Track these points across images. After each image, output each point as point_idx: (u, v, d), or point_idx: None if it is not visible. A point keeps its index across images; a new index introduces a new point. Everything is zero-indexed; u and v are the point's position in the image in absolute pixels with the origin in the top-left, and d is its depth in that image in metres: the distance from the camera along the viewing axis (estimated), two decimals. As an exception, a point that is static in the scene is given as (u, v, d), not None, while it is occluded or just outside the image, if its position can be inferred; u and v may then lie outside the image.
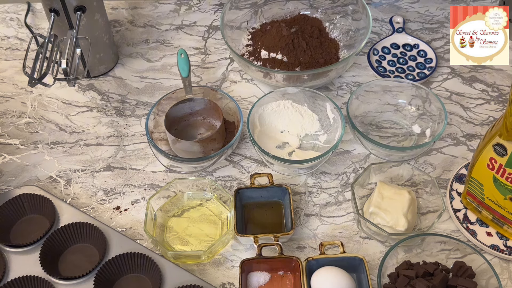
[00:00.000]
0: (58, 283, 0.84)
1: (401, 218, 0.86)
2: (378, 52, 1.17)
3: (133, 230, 0.93)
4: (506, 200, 0.83)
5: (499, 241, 0.88)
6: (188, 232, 0.91)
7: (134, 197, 0.97)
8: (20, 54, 1.21)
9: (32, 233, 0.90)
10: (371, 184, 0.96)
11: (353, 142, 1.03)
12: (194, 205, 0.95)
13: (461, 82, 1.12)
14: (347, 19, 1.17)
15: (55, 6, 1.01)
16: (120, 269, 0.85)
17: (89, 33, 1.06)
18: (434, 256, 0.85)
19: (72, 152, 1.03)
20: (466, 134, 1.04)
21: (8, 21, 1.28)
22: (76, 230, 0.89)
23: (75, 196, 0.97)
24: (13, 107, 1.11)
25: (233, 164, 1.01)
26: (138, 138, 1.05)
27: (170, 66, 1.18)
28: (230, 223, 0.89)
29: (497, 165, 0.81)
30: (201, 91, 1.05)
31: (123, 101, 1.12)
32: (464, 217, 0.91)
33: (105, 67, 1.16)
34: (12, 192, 0.94)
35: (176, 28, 1.26)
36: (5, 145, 1.04)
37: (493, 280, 0.79)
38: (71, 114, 1.09)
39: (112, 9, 1.30)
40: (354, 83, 1.13)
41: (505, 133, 0.77)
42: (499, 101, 1.09)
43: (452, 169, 0.99)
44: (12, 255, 0.88)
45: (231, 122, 1.03)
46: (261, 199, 0.93)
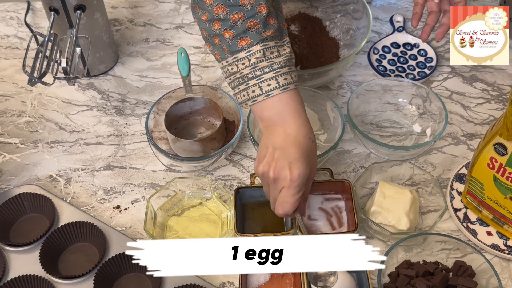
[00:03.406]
0: (58, 282, 0.84)
1: (403, 218, 0.86)
2: (379, 51, 1.17)
3: (133, 229, 0.93)
4: (507, 199, 0.83)
5: (499, 240, 0.88)
6: (188, 231, 0.91)
7: (134, 196, 0.97)
8: (20, 53, 1.21)
9: (32, 232, 0.90)
10: (371, 184, 0.95)
11: (354, 142, 1.03)
12: (194, 204, 0.95)
13: (461, 82, 1.12)
14: (348, 18, 1.16)
15: (55, 5, 1.01)
16: (120, 268, 0.85)
17: (89, 32, 1.06)
18: (434, 255, 0.85)
19: (72, 151, 1.03)
20: (467, 133, 1.04)
21: (8, 20, 1.28)
22: (76, 229, 0.89)
23: (75, 195, 0.97)
24: (13, 106, 1.11)
25: (233, 163, 1.01)
26: (138, 137, 1.05)
27: (170, 65, 1.18)
28: (230, 222, 0.89)
29: (497, 164, 0.81)
30: (201, 90, 1.04)
31: (123, 100, 1.11)
32: (464, 216, 0.91)
33: (105, 66, 1.16)
34: (12, 191, 0.94)
35: (176, 27, 1.25)
36: (5, 144, 1.04)
37: (493, 280, 0.79)
38: (71, 113, 1.09)
39: (112, 8, 1.30)
40: (355, 82, 1.13)
41: (506, 133, 0.77)
42: (499, 100, 1.09)
43: (452, 169, 0.99)
44: (12, 254, 0.88)
45: (231, 121, 1.03)
46: (261, 198, 0.93)
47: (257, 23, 0.76)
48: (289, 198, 0.75)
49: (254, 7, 0.75)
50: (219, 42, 0.79)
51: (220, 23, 0.77)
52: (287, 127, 0.76)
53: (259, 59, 0.76)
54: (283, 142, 0.76)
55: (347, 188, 0.91)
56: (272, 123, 0.77)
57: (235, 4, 0.75)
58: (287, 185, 0.75)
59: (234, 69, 0.78)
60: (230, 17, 0.76)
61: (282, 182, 0.75)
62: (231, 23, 0.76)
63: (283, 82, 0.76)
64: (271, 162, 0.75)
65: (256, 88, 0.77)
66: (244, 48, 0.77)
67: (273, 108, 0.77)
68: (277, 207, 0.77)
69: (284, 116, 0.77)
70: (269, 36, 0.77)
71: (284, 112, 0.77)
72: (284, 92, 0.77)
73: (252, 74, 0.77)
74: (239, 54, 0.77)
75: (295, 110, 0.77)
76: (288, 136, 0.76)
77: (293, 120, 0.77)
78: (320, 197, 0.93)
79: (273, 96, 0.76)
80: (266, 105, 0.77)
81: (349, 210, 0.91)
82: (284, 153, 0.75)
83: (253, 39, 0.76)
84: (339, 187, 0.93)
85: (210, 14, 0.77)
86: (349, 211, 0.91)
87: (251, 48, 0.76)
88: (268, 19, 0.77)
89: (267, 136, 0.78)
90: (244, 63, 0.77)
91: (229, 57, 0.78)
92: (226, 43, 0.77)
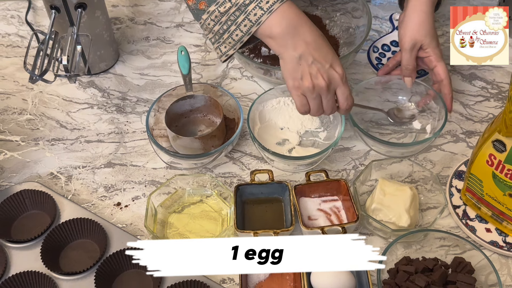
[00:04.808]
0: (59, 278, 0.85)
1: (403, 214, 0.87)
2: (378, 50, 1.17)
3: (133, 226, 0.93)
4: (505, 196, 0.83)
5: (498, 237, 0.89)
6: (188, 228, 0.92)
7: (135, 193, 0.97)
8: (21, 51, 1.21)
9: (33, 228, 0.90)
10: (371, 181, 0.96)
11: (353, 139, 1.03)
12: (194, 201, 0.95)
13: (460, 79, 1.13)
14: (347, 17, 1.17)
15: (56, 3, 1.01)
16: (121, 265, 0.86)
17: (90, 30, 1.07)
18: (434, 252, 0.86)
19: (73, 148, 1.04)
20: (466, 131, 1.04)
21: (9, 18, 1.29)
22: (77, 226, 0.89)
23: (76, 193, 0.97)
24: (14, 104, 1.11)
25: (233, 161, 1.01)
26: (138, 135, 1.06)
27: (171, 63, 1.18)
28: (230, 219, 0.89)
29: (496, 161, 0.81)
30: (202, 88, 1.05)
31: (124, 98, 1.12)
32: (463, 213, 0.92)
33: (105, 64, 1.16)
34: (13, 188, 0.94)
35: (177, 26, 1.26)
36: (6, 141, 1.05)
37: (492, 276, 0.80)
38: (72, 111, 1.10)
39: (113, 6, 1.30)
40: (354, 80, 1.13)
41: (504, 129, 0.77)
42: (498, 98, 1.09)
43: (451, 166, 0.99)
44: (13, 250, 0.88)
45: (231, 119, 1.03)
46: (261, 195, 0.94)
47: None
48: (348, 91, 0.85)
49: None
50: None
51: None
52: (304, 36, 0.80)
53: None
54: (312, 51, 0.80)
55: (343, 187, 0.92)
56: (287, 37, 0.80)
57: None
58: (341, 82, 0.83)
59: (227, 6, 0.80)
60: None
61: (334, 84, 0.83)
62: None
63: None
64: (316, 73, 0.81)
65: (257, 10, 0.79)
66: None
67: (281, 22, 0.80)
68: (343, 104, 0.85)
69: (295, 25, 0.80)
70: None
71: (293, 22, 0.80)
72: (283, 3, 0.80)
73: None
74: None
75: (301, 17, 0.81)
76: (310, 44, 0.80)
77: (306, 27, 0.80)
78: (318, 199, 0.94)
79: (276, 10, 0.79)
80: (273, 22, 0.80)
81: (347, 209, 0.91)
82: (320, 60, 0.80)
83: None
84: (335, 186, 0.93)
85: None
86: (347, 209, 0.91)
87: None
88: None
89: (290, 52, 0.81)
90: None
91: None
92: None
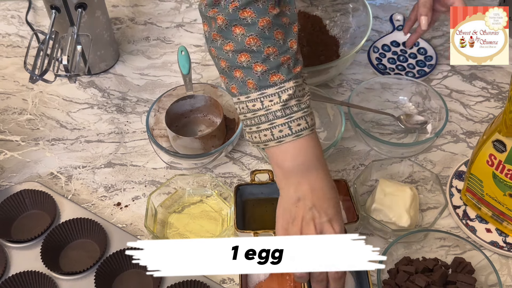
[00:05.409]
0: (59, 278, 0.85)
1: (404, 215, 0.87)
2: (378, 50, 1.17)
3: (133, 226, 0.93)
4: (506, 196, 0.83)
5: (498, 237, 0.89)
6: (188, 228, 0.91)
7: (135, 193, 0.97)
8: (21, 52, 1.21)
9: (33, 228, 0.90)
10: (371, 181, 0.96)
11: (353, 139, 1.03)
12: (194, 201, 0.95)
13: (461, 80, 1.13)
14: (348, 17, 1.17)
15: (56, 3, 1.01)
16: (121, 264, 0.86)
17: (90, 30, 1.07)
18: (434, 252, 0.86)
19: (73, 148, 1.04)
20: (466, 131, 1.04)
21: (9, 18, 1.29)
22: (77, 225, 0.89)
23: (76, 192, 0.97)
24: (14, 104, 1.11)
25: (234, 161, 1.01)
26: (138, 135, 1.06)
27: (171, 63, 1.18)
28: (230, 219, 0.89)
29: (496, 161, 0.81)
30: (202, 88, 1.05)
31: (124, 98, 1.12)
32: (463, 213, 0.91)
33: (105, 64, 1.16)
34: (13, 188, 0.94)
35: (177, 26, 1.26)
36: (6, 141, 1.05)
37: (492, 276, 0.80)
38: (72, 111, 1.10)
39: (113, 6, 1.30)
40: (354, 80, 1.13)
41: (505, 130, 0.77)
42: (498, 98, 1.09)
43: (451, 166, 0.99)
44: (13, 250, 0.88)
45: (231, 119, 1.03)
46: (262, 195, 0.94)
47: (289, 58, 0.72)
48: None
49: (286, 42, 0.73)
50: (241, 75, 0.73)
51: (249, 54, 0.72)
52: (312, 180, 0.74)
53: (290, 96, 0.72)
54: (315, 198, 0.73)
55: (343, 187, 0.92)
56: (295, 174, 0.73)
57: (270, 37, 0.71)
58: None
59: (257, 106, 0.73)
60: (263, 49, 0.71)
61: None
62: (264, 56, 0.71)
63: (311, 122, 0.74)
64: (309, 220, 0.72)
65: (284, 127, 0.72)
66: (276, 83, 0.72)
67: (296, 157, 0.73)
68: (331, 273, 0.73)
69: (308, 166, 0.73)
70: (298, 73, 0.74)
71: (307, 162, 0.73)
72: (311, 134, 0.74)
73: (282, 113, 0.72)
74: (268, 90, 0.72)
75: (319, 158, 0.75)
76: (315, 191, 0.73)
77: (318, 171, 0.74)
78: None
79: (303, 136, 0.73)
80: (289, 151, 0.73)
81: (347, 209, 0.91)
82: (319, 210, 0.72)
83: (285, 75, 0.72)
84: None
85: (239, 44, 0.72)
86: (347, 210, 0.91)
87: (284, 85, 0.72)
88: (296, 54, 0.74)
89: (290, 191, 0.74)
90: (273, 100, 0.72)
91: (253, 92, 0.73)
92: (255, 77, 0.72)
